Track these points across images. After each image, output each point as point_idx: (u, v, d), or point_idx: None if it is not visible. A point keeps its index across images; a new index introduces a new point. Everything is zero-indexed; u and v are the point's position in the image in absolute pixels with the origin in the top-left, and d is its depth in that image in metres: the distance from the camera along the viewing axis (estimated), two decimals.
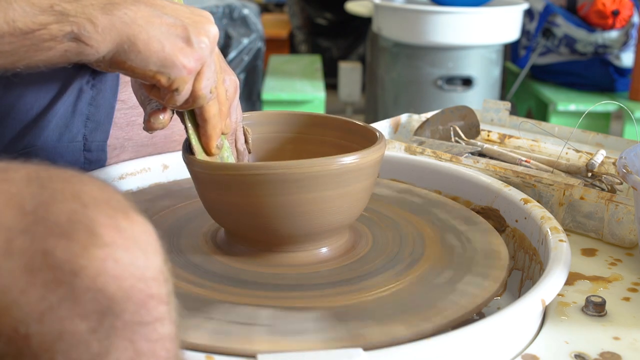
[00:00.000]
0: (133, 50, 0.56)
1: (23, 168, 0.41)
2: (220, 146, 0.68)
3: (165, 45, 0.57)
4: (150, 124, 0.64)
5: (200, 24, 0.60)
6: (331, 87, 3.65)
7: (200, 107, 0.65)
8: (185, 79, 0.60)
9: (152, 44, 0.57)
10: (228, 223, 0.69)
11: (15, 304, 0.36)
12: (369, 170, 0.66)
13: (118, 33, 0.55)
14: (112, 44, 0.55)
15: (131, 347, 0.38)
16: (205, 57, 0.60)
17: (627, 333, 0.62)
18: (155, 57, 0.57)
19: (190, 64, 0.59)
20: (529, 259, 0.76)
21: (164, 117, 0.64)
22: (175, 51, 0.58)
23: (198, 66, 0.60)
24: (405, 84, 2.62)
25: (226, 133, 0.69)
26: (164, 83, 0.59)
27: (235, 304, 0.59)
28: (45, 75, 0.86)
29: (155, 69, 0.58)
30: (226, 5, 2.86)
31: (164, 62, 0.58)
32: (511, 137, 1.09)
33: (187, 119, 0.66)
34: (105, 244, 0.38)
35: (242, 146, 0.75)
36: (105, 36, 0.55)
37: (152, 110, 0.64)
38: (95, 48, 0.55)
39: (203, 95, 0.62)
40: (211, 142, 0.67)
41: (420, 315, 0.57)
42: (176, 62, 0.58)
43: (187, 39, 0.59)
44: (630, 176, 0.67)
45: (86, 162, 0.86)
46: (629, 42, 2.70)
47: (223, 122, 0.68)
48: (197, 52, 0.59)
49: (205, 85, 0.62)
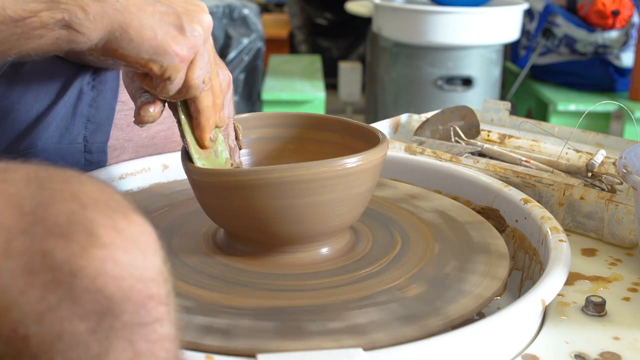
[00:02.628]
0: (125, 38, 0.56)
1: (22, 168, 0.40)
2: (214, 139, 0.67)
3: (158, 33, 0.57)
4: (141, 117, 0.63)
5: (193, 12, 0.59)
6: (331, 87, 3.65)
7: (193, 97, 0.64)
8: (178, 67, 0.59)
9: (145, 31, 0.56)
10: (228, 226, 0.68)
11: (14, 304, 0.36)
12: (372, 172, 0.65)
13: (110, 20, 0.54)
14: (103, 31, 0.55)
15: (130, 348, 0.38)
16: (198, 45, 0.59)
17: (627, 333, 0.62)
18: (148, 44, 0.57)
19: (183, 52, 0.58)
20: (529, 259, 0.76)
21: (154, 110, 0.63)
22: (167, 39, 0.57)
23: (191, 55, 0.59)
24: (405, 84, 2.62)
25: (220, 126, 0.69)
26: (156, 71, 0.59)
27: (235, 303, 0.59)
28: (45, 76, 0.86)
29: (148, 57, 0.57)
30: (226, 5, 2.86)
31: (156, 50, 0.57)
32: (511, 137, 1.09)
33: (180, 111, 0.66)
34: (104, 244, 0.38)
35: (233, 142, 0.74)
36: (97, 23, 0.54)
37: (142, 103, 0.63)
38: (87, 35, 0.54)
39: (196, 85, 0.62)
40: (204, 134, 0.66)
41: (420, 315, 0.57)
42: (169, 50, 0.57)
43: (180, 27, 0.58)
44: (630, 176, 0.67)
45: (87, 163, 0.86)
46: (629, 42, 2.70)
47: (217, 114, 0.67)
48: (190, 41, 0.59)
49: (198, 74, 0.61)
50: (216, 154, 0.69)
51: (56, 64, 0.88)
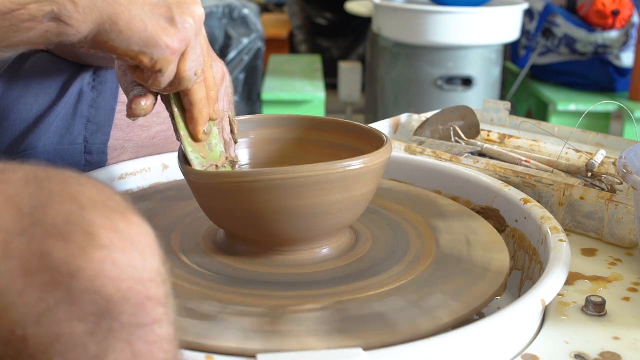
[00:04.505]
0: (115, 30, 0.55)
1: (21, 169, 0.40)
2: (208, 132, 0.67)
3: (148, 25, 0.56)
4: (133, 111, 0.63)
5: (185, 4, 0.59)
6: (331, 87, 3.65)
7: (186, 90, 0.63)
8: (169, 60, 0.58)
9: (135, 23, 0.56)
10: (228, 226, 0.68)
11: (12, 305, 0.36)
12: (375, 174, 0.65)
13: (99, 12, 0.54)
14: (93, 23, 0.54)
15: (129, 349, 0.38)
16: (189, 37, 0.59)
17: (627, 333, 0.62)
18: (138, 37, 0.56)
19: (174, 44, 0.58)
20: (529, 259, 0.76)
21: (146, 103, 0.63)
22: (158, 31, 0.57)
23: (182, 47, 0.59)
24: (405, 84, 2.62)
25: (214, 119, 0.68)
26: (147, 64, 0.58)
27: (234, 303, 0.59)
28: (45, 77, 0.86)
29: (138, 49, 0.57)
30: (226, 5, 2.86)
31: (146, 42, 0.57)
32: (511, 137, 1.09)
33: (173, 104, 0.65)
34: (102, 245, 0.38)
35: (228, 136, 0.74)
36: (86, 16, 0.53)
37: (134, 96, 0.63)
38: (76, 28, 0.54)
39: (188, 77, 0.61)
40: (198, 127, 0.66)
41: (420, 315, 0.57)
42: (159, 42, 0.57)
43: (170, 18, 0.57)
44: (630, 176, 0.66)
45: (87, 164, 0.86)
46: (629, 42, 2.70)
47: (211, 107, 0.67)
48: (182, 33, 0.58)
49: (190, 67, 0.61)
50: (210, 148, 0.68)
51: (56, 65, 0.88)
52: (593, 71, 2.75)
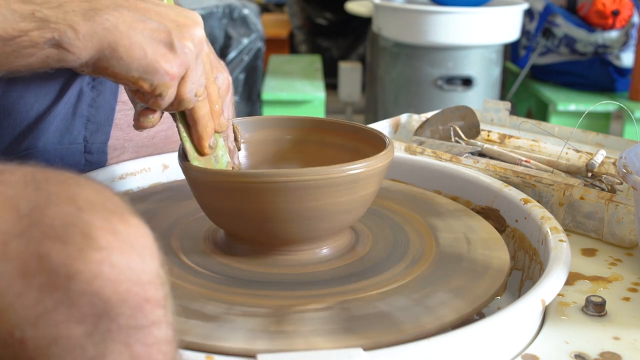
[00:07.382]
0: (114, 57, 0.56)
1: (19, 170, 0.40)
2: (213, 145, 0.67)
3: (148, 52, 0.57)
4: (140, 123, 0.63)
5: (185, 27, 0.59)
6: (331, 87, 3.65)
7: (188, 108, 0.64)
8: (168, 85, 0.59)
9: (134, 50, 0.56)
10: (227, 226, 0.68)
11: (10, 307, 0.36)
12: (377, 177, 0.66)
13: (99, 39, 0.54)
14: (93, 50, 0.55)
15: (127, 351, 0.38)
16: (189, 62, 0.59)
17: (627, 333, 0.62)
18: (137, 63, 0.56)
19: (173, 69, 0.58)
20: (529, 259, 0.76)
21: (154, 117, 0.63)
22: (157, 57, 0.57)
23: (181, 71, 0.59)
24: (405, 84, 2.62)
25: (220, 132, 0.69)
26: (147, 89, 0.59)
27: (235, 303, 0.59)
28: (45, 77, 0.86)
29: (138, 75, 0.57)
30: (226, 5, 2.86)
31: (145, 69, 0.57)
32: (511, 137, 1.09)
33: (178, 120, 0.66)
34: (101, 247, 0.38)
35: (232, 144, 0.74)
36: (86, 43, 0.54)
37: (141, 109, 0.63)
38: (76, 54, 0.54)
39: (188, 99, 0.61)
40: (203, 142, 0.66)
41: (424, 313, 0.57)
42: (158, 69, 0.57)
43: (170, 44, 0.58)
44: (630, 176, 0.66)
45: (87, 164, 0.86)
46: (629, 42, 2.70)
47: (215, 121, 0.67)
48: (180, 58, 0.58)
49: (190, 89, 0.61)
50: (216, 159, 0.69)
51: None
52: (593, 71, 2.75)
